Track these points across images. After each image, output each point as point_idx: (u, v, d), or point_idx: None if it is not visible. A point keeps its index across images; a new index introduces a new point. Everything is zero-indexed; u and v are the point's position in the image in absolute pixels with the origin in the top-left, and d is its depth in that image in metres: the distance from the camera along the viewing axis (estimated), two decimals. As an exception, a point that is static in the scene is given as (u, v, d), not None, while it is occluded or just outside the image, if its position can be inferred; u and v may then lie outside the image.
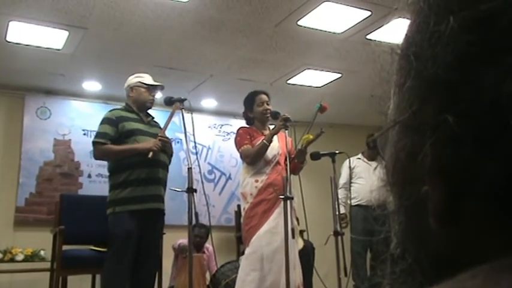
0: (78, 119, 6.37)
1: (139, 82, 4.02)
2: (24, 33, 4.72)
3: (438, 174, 0.35)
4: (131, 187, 3.74)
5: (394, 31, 0.42)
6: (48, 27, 4.61)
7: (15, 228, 5.84)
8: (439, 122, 0.34)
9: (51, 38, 4.83)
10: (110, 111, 4.01)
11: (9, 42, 4.87)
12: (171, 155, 4.06)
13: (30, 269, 5.24)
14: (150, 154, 3.65)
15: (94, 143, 3.86)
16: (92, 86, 6.21)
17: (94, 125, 6.15)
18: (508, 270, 0.29)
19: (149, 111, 4.11)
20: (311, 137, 3.81)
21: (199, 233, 5.67)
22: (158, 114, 4.33)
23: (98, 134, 3.86)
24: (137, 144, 3.78)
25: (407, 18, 0.39)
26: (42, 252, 5.25)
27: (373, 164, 5.73)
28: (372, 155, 5.77)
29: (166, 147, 3.88)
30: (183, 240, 5.62)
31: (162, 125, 4.09)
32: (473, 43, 0.32)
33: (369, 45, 4.91)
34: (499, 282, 0.28)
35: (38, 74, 5.77)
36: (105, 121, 3.90)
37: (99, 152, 3.85)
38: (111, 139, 3.81)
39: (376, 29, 4.69)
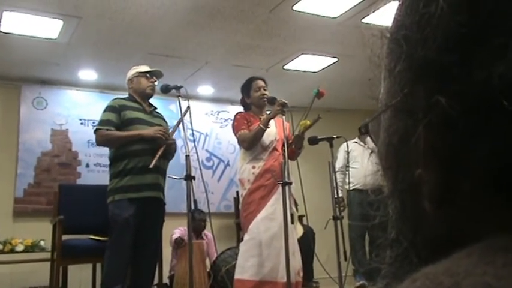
0: (74, 109, 6.35)
1: (137, 72, 4.10)
2: (19, 23, 4.68)
3: (432, 156, 0.35)
4: (129, 175, 3.76)
5: (390, 14, 0.41)
6: (43, 17, 4.58)
7: (15, 219, 5.85)
8: (431, 104, 0.34)
9: (46, 27, 4.80)
10: (113, 100, 4.06)
11: (3, 32, 4.84)
12: (174, 154, 4.08)
13: (30, 260, 5.24)
14: (152, 164, 3.64)
15: (97, 130, 3.88)
16: (87, 75, 6.18)
17: (91, 114, 6.17)
18: (502, 248, 0.29)
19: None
20: (308, 122, 3.81)
21: (200, 217, 5.65)
22: (156, 102, 4.32)
23: (101, 122, 3.90)
24: (141, 130, 3.81)
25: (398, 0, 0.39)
26: (42, 243, 5.25)
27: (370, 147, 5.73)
28: (368, 139, 5.77)
29: (171, 149, 3.92)
30: (178, 230, 5.61)
31: (163, 115, 4.15)
32: (464, 24, 0.32)
33: (364, 29, 4.88)
34: (493, 260, 0.29)
35: (34, 64, 5.74)
36: (108, 109, 3.95)
37: (102, 138, 3.87)
38: (115, 126, 3.85)
39: (372, 12, 4.66)
